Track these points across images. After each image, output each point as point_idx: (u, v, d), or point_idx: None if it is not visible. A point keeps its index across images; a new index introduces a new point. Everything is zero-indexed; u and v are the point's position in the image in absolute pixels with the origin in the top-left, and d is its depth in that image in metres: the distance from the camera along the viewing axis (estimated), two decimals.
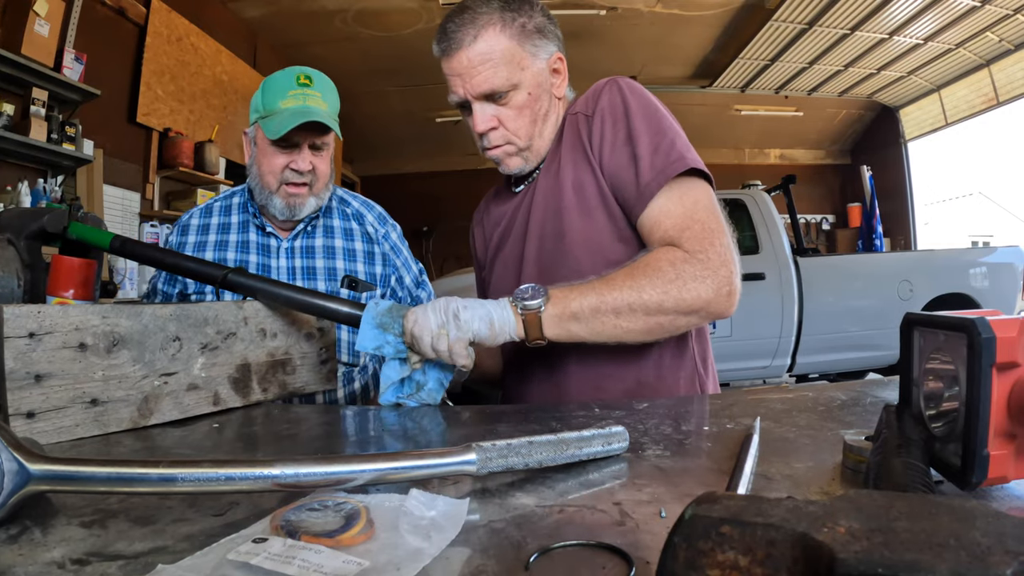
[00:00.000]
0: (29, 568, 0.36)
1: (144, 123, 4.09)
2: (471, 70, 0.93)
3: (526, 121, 0.97)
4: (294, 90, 1.21)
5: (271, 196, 1.24)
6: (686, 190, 0.87)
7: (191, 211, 1.37)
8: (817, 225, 8.96)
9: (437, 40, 0.96)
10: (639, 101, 0.92)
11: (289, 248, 1.30)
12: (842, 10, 5.40)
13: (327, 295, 0.89)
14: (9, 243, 0.91)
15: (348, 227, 1.35)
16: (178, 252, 1.10)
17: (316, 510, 0.41)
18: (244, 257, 1.28)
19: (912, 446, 0.43)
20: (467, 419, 0.80)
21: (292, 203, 1.24)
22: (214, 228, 1.32)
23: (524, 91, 0.95)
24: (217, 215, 1.34)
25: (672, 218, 0.86)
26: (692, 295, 0.81)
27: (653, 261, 0.83)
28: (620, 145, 0.91)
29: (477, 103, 0.95)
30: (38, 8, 3.08)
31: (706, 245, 0.82)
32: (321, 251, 1.31)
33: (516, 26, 0.93)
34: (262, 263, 1.28)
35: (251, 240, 1.29)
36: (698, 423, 0.69)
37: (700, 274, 0.81)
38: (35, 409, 0.63)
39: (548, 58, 0.98)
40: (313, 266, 1.29)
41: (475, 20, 0.92)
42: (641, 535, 0.40)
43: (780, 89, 7.40)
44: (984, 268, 4.76)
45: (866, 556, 0.21)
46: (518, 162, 1.01)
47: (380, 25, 5.49)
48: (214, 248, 1.29)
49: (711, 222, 0.85)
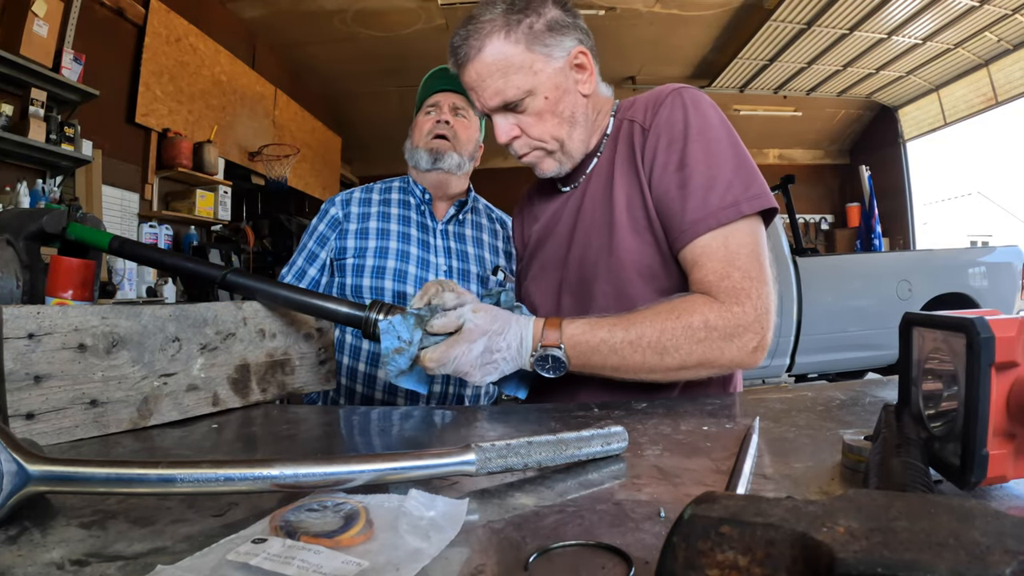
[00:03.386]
0: (28, 569, 0.36)
1: (143, 123, 4.09)
2: (481, 84, 0.90)
3: (550, 125, 0.93)
4: (443, 69, 1.33)
5: (418, 151, 1.38)
6: (732, 230, 0.82)
7: (348, 192, 1.46)
8: (816, 225, 8.96)
9: (449, 55, 0.93)
10: (701, 122, 0.86)
11: (444, 230, 1.41)
12: (841, 10, 5.40)
13: (326, 295, 0.89)
14: (8, 244, 0.91)
15: (493, 228, 1.49)
16: (177, 252, 1.10)
17: (315, 510, 0.41)
18: (406, 230, 1.38)
19: (911, 446, 0.43)
20: (466, 419, 0.80)
21: (434, 148, 1.35)
22: (375, 203, 1.42)
23: (541, 95, 0.90)
24: (377, 194, 1.44)
25: (714, 261, 0.82)
26: (716, 354, 0.78)
27: (684, 313, 0.79)
28: (672, 171, 0.86)
29: (496, 115, 0.93)
30: (37, 8, 3.08)
31: (743, 297, 0.79)
32: (471, 240, 1.43)
33: (522, 29, 0.88)
34: (421, 239, 1.38)
35: (412, 217, 1.40)
36: (697, 423, 0.69)
37: (731, 331, 0.78)
38: (34, 410, 0.63)
39: (566, 55, 0.91)
40: (465, 251, 1.41)
41: (479, 30, 0.88)
42: (640, 535, 0.40)
43: (779, 89, 7.40)
44: (983, 268, 4.77)
45: (865, 556, 0.21)
46: (552, 165, 0.98)
47: (379, 25, 5.49)
48: (378, 217, 1.38)
49: (753, 269, 0.81)
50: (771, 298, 0.81)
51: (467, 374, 0.78)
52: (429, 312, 0.78)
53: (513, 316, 0.81)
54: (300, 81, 6.49)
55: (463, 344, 0.76)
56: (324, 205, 1.45)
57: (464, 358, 0.76)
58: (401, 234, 1.36)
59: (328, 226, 1.40)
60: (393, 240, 1.35)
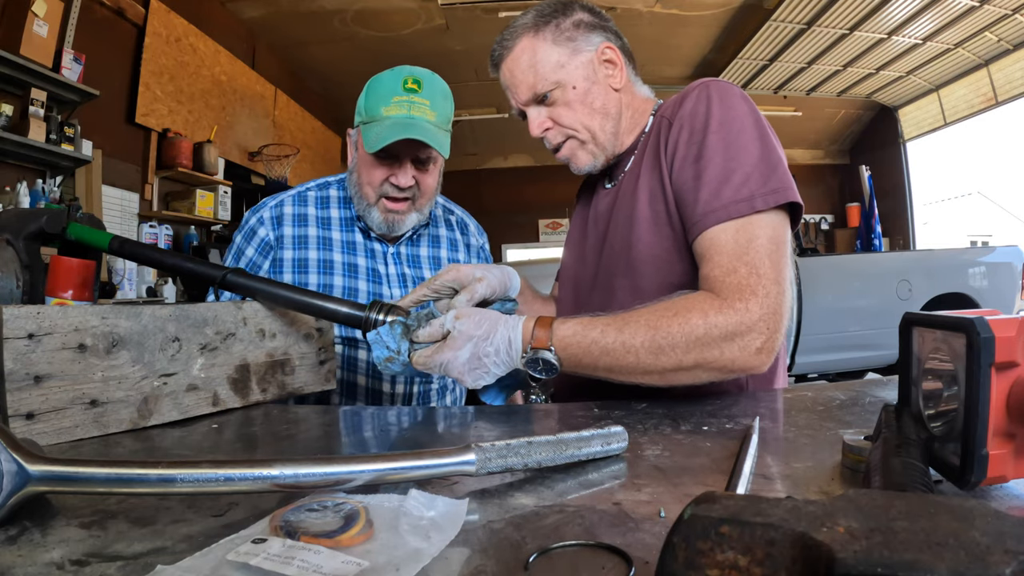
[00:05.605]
0: (28, 569, 0.36)
1: (143, 123, 4.09)
2: (513, 80, 0.97)
3: (581, 115, 0.96)
4: (399, 96, 1.09)
5: (369, 208, 1.15)
6: (745, 223, 0.79)
7: (278, 198, 1.22)
8: (816, 225, 8.97)
9: (489, 64, 1.02)
10: (725, 113, 0.85)
11: (396, 254, 1.23)
12: (841, 10, 5.40)
13: (325, 295, 0.89)
14: (8, 244, 0.90)
15: (453, 237, 1.32)
16: (177, 253, 1.09)
17: (315, 511, 0.41)
18: (352, 260, 1.19)
19: (911, 446, 0.43)
20: (466, 419, 0.80)
21: (391, 219, 1.15)
22: (312, 220, 1.19)
23: (569, 86, 0.95)
24: (314, 206, 1.21)
25: (722, 255, 0.78)
26: (715, 354, 0.74)
27: (683, 312, 0.75)
28: (690, 162, 0.85)
29: (529, 109, 0.98)
30: (36, 8, 3.08)
31: (748, 295, 0.75)
32: (427, 261, 1.26)
33: (550, 28, 0.95)
34: (371, 267, 1.20)
35: (357, 241, 1.21)
36: (697, 423, 0.69)
37: (733, 330, 0.74)
38: (34, 410, 0.63)
39: (594, 49, 0.96)
40: (422, 276, 1.23)
41: (512, 33, 0.97)
42: (640, 535, 0.40)
43: (779, 89, 7.41)
44: (983, 268, 4.77)
45: (865, 556, 0.21)
46: (586, 158, 0.99)
47: (379, 25, 5.49)
48: (318, 246, 1.17)
49: (762, 265, 0.76)
50: (782, 298, 0.76)
51: (459, 378, 0.78)
52: (416, 322, 0.80)
53: (501, 318, 0.79)
54: (300, 81, 6.49)
55: (448, 352, 0.76)
56: (248, 219, 1.20)
57: (452, 364, 0.76)
58: (347, 266, 1.18)
59: (258, 251, 1.17)
60: (338, 275, 1.17)
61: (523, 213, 9.13)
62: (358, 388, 1.18)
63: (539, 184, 8.79)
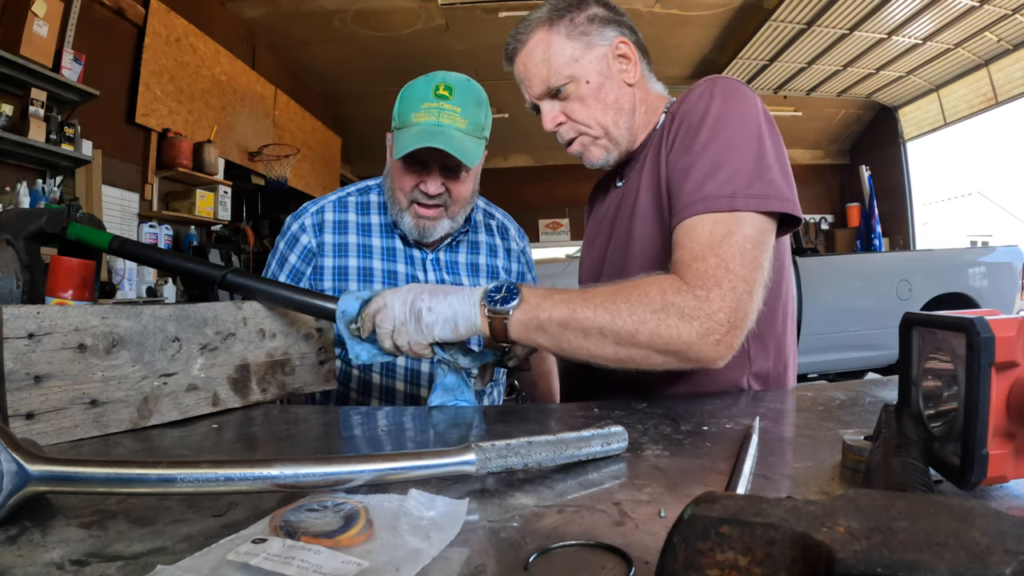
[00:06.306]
0: (28, 569, 0.36)
1: (143, 123, 4.09)
2: (527, 73, 0.97)
3: (594, 110, 0.95)
4: (429, 103, 1.08)
5: (401, 213, 1.16)
6: (725, 219, 0.77)
7: (319, 203, 1.23)
8: (816, 225, 8.97)
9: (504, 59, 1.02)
10: (724, 110, 0.84)
11: (435, 260, 1.23)
12: (841, 10, 5.40)
13: (326, 296, 0.89)
14: (8, 244, 0.91)
15: (493, 243, 1.31)
16: (177, 253, 1.09)
17: (315, 511, 0.41)
18: (392, 267, 1.19)
19: (911, 446, 0.43)
20: (466, 419, 0.80)
21: (422, 225, 1.15)
22: (353, 227, 1.21)
23: (583, 80, 0.94)
24: (354, 212, 1.22)
25: (694, 243, 0.77)
26: (671, 333, 0.71)
27: (643, 285, 0.75)
28: (682, 153, 0.85)
29: (543, 103, 0.98)
30: (36, 8, 3.08)
31: (711, 284, 0.72)
32: (465, 268, 1.25)
33: (564, 22, 0.95)
34: (410, 274, 1.20)
35: (397, 247, 1.21)
36: (697, 423, 0.69)
37: (690, 312, 0.72)
38: (34, 410, 0.63)
39: (608, 44, 0.96)
40: (460, 283, 1.22)
41: (526, 28, 0.97)
42: (640, 535, 0.40)
43: (779, 89, 7.40)
44: (983, 268, 4.77)
45: (865, 556, 0.21)
46: (600, 153, 0.99)
47: (379, 25, 5.49)
48: (358, 253, 1.19)
49: (733, 261, 0.74)
50: (747, 297, 0.73)
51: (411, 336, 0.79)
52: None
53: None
54: (300, 81, 6.49)
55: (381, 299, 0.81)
56: (290, 224, 1.22)
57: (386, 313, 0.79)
58: (386, 273, 1.19)
59: (301, 258, 1.20)
60: (377, 283, 1.18)
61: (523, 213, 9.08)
62: (372, 386, 1.19)
63: (539, 184, 8.78)
